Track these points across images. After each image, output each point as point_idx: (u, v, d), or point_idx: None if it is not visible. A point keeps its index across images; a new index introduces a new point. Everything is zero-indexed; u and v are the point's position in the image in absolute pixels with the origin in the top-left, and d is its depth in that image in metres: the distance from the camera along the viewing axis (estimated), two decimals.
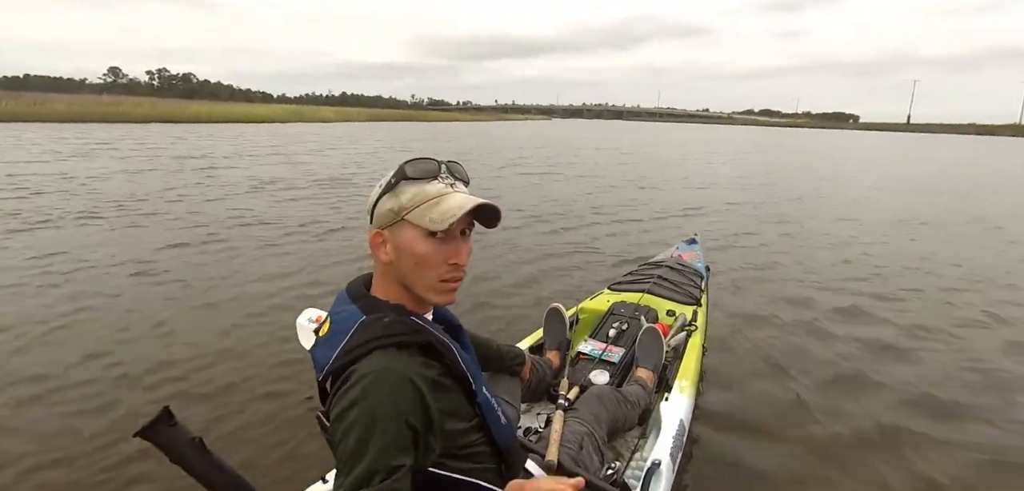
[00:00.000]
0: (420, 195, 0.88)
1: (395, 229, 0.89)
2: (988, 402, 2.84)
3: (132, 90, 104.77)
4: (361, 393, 0.78)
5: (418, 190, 0.89)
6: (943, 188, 12.76)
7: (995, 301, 4.44)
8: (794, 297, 4.40)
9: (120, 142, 16.77)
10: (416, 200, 0.88)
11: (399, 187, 0.89)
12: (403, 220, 0.88)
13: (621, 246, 6.04)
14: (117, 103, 32.03)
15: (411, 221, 0.88)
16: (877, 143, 42.88)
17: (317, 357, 0.89)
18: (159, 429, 0.89)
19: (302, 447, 2.33)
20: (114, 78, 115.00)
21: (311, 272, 4.71)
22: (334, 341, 0.87)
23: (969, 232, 7.47)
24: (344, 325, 0.88)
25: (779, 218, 8.00)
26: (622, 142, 30.60)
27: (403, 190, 0.89)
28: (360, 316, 0.88)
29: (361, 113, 57.41)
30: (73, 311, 3.64)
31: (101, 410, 2.55)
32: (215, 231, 6.01)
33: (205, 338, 3.33)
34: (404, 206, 0.88)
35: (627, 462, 1.75)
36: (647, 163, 17.26)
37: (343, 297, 0.95)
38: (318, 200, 8.22)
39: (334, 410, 0.81)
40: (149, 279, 4.37)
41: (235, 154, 14.85)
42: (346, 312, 0.91)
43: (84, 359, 3.01)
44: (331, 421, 0.81)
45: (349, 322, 0.88)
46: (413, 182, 0.89)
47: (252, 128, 28.37)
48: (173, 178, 9.85)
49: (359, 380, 0.80)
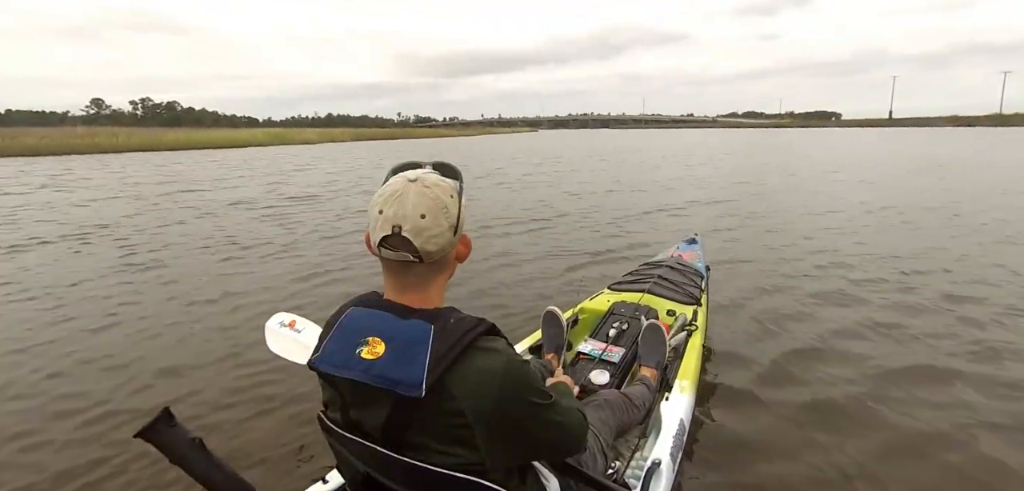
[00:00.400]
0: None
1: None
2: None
3: (116, 121, 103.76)
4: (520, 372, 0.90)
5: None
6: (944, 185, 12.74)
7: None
8: (795, 296, 4.36)
9: (75, 173, 16.59)
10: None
11: (462, 190, 0.97)
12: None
13: (619, 244, 6.29)
14: (91, 134, 31.27)
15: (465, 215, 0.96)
16: (867, 140, 43.30)
17: (392, 376, 0.86)
18: (159, 430, 0.90)
19: (302, 447, 2.33)
20: (97, 109, 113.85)
21: (310, 278, 4.99)
22: (408, 354, 0.86)
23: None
24: (415, 335, 0.88)
25: (778, 217, 8.02)
26: (607, 148, 30.79)
27: (462, 191, 0.96)
28: (429, 325, 0.88)
29: (345, 133, 57.04)
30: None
31: (101, 416, 2.61)
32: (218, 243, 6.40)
33: (202, 342, 3.46)
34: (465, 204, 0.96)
35: (627, 462, 1.75)
36: (630, 168, 17.37)
37: (379, 315, 0.93)
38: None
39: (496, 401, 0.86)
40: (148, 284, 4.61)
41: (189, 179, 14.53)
42: (405, 325, 0.90)
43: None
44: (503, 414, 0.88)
45: (422, 332, 0.88)
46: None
47: (235, 153, 28.13)
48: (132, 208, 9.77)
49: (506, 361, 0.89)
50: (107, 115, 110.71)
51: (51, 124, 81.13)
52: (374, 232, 0.90)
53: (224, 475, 0.94)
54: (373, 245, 0.91)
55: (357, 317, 0.93)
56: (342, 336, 0.92)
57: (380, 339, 0.88)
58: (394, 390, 0.84)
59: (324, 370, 0.92)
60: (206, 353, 3.33)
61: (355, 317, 0.93)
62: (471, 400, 0.85)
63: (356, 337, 0.90)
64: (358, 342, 0.89)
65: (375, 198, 0.91)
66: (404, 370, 0.84)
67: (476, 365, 0.86)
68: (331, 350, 0.91)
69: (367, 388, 0.87)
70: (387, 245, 0.89)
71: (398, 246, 0.88)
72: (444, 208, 0.90)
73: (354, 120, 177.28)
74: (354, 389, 0.90)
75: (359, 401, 0.91)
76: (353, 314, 0.94)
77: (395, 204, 0.88)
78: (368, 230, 0.92)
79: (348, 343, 0.90)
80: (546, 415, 0.94)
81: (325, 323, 0.97)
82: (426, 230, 0.88)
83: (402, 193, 0.89)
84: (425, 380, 0.83)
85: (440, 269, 0.95)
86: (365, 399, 0.90)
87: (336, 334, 0.93)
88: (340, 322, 0.94)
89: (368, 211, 0.91)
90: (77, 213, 9.05)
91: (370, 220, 0.91)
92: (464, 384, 0.85)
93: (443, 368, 0.84)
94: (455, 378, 0.85)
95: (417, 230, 0.88)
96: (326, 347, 0.92)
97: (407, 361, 0.85)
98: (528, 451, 1.00)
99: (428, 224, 0.88)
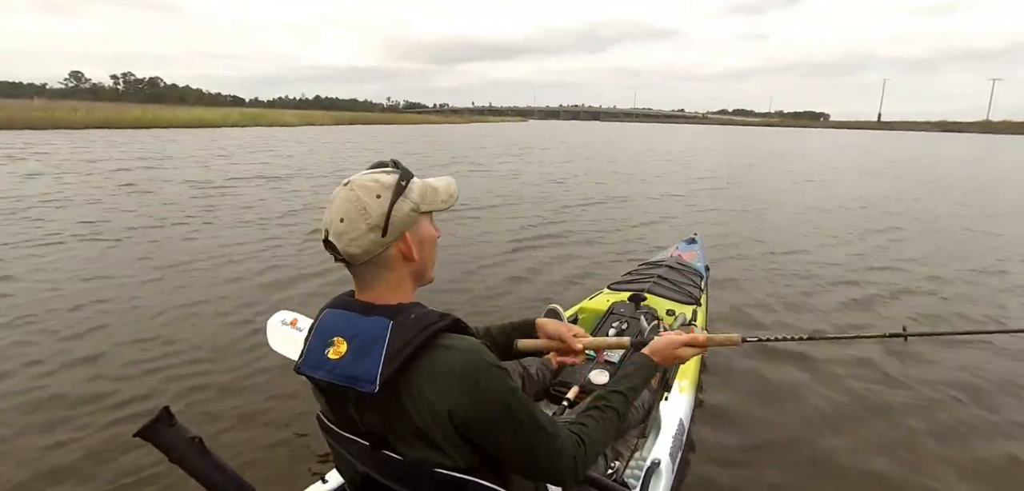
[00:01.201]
0: (423, 186, 0.96)
1: (416, 226, 0.94)
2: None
3: (97, 95, 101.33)
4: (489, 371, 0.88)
5: (420, 183, 0.96)
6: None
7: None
8: (795, 296, 4.47)
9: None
10: (424, 192, 0.95)
11: (409, 187, 0.93)
12: (420, 214, 0.94)
13: (617, 239, 6.52)
14: (50, 109, 29.74)
15: (424, 211, 0.95)
16: (855, 141, 44.38)
17: (351, 372, 0.86)
18: (158, 429, 0.90)
19: (302, 447, 2.33)
20: (76, 83, 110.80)
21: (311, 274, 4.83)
22: (366, 351, 0.86)
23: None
24: (374, 332, 0.87)
25: (775, 215, 8.36)
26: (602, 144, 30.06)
27: (412, 189, 0.93)
28: (388, 321, 0.88)
29: (326, 117, 55.34)
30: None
31: (101, 416, 2.57)
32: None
33: (202, 341, 3.37)
34: (417, 202, 0.93)
35: (626, 462, 1.73)
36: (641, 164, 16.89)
37: (345, 315, 0.93)
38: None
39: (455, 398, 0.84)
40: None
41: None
42: (366, 323, 0.89)
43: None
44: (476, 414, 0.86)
45: (380, 328, 0.87)
46: (413, 178, 0.95)
47: (193, 134, 26.89)
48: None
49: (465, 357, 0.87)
50: (87, 89, 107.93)
51: (27, 96, 78.81)
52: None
53: (224, 475, 0.95)
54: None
55: (329, 318, 0.94)
56: (318, 338, 0.93)
57: (343, 338, 0.89)
58: (353, 386, 0.85)
59: (304, 372, 0.92)
60: (206, 352, 3.26)
61: (328, 318, 0.94)
62: (427, 401, 0.84)
63: (326, 337, 0.91)
64: (327, 342, 0.90)
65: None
66: (360, 366, 0.85)
67: (433, 364, 0.85)
68: (309, 352, 0.93)
69: (335, 387, 0.88)
70: (327, 249, 0.92)
71: (331, 251, 0.92)
72: (363, 210, 0.89)
73: (343, 103, 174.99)
74: (329, 389, 0.91)
75: (337, 402, 0.92)
76: (327, 316, 0.95)
77: (328, 209, 0.91)
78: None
79: (321, 344, 0.91)
80: (512, 425, 0.89)
81: (309, 325, 0.98)
82: (345, 233, 0.89)
83: (333, 198, 0.91)
84: (379, 375, 0.83)
85: (385, 268, 0.93)
86: (336, 399, 0.92)
87: (314, 336, 0.94)
88: (317, 324, 0.95)
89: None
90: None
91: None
92: (423, 383, 0.85)
93: (399, 363, 0.83)
94: (415, 376, 0.85)
95: (337, 234, 0.89)
96: (307, 350, 0.94)
97: (364, 357, 0.85)
98: (497, 460, 0.93)
99: (346, 227, 0.89)
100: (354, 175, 0.92)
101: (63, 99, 69.55)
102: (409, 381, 0.84)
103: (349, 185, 0.90)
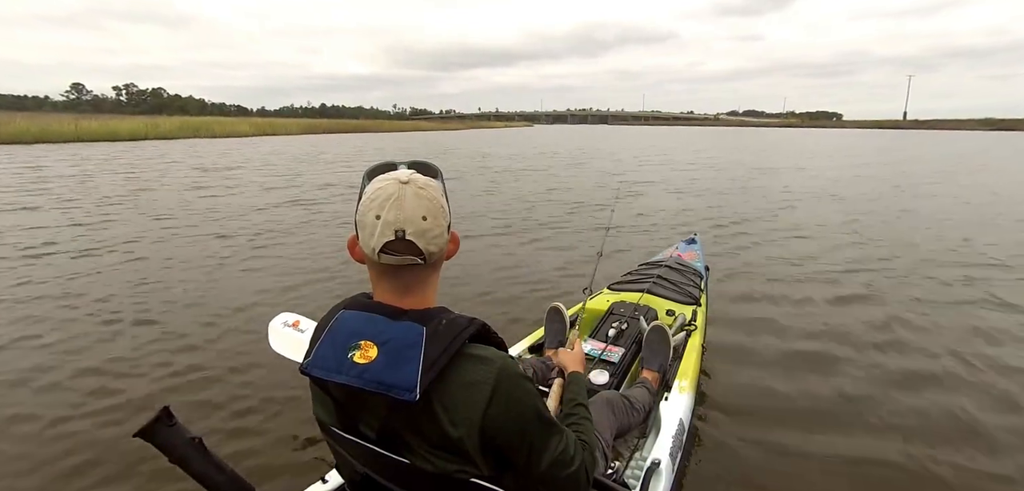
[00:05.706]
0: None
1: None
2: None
3: (98, 107, 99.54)
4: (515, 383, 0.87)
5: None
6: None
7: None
8: (794, 295, 4.34)
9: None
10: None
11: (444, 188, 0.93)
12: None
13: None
14: (34, 121, 26.96)
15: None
16: (910, 140, 41.52)
17: (386, 379, 0.83)
18: (158, 429, 0.88)
19: (302, 447, 2.31)
20: (77, 95, 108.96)
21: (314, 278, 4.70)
22: (401, 357, 0.83)
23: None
24: (408, 338, 0.85)
25: (775, 216, 8.04)
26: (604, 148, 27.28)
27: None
28: (421, 327, 0.85)
29: (322, 125, 52.20)
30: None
31: (100, 415, 2.53)
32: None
33: (201, 341, 3.35)
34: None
35: (627, 462, 1.75)
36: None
37: (368, 317, 0.89)
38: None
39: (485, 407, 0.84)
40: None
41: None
42: (397, 328, 0.86)
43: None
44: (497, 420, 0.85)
45: (414, 334, 0.85)
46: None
47: (180, 145, 24.23)
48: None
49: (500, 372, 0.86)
50: (88, 101, 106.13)
51: (29, 110, 76.98)
52: (371, 239, 0.85)
53: (224, 475, 0.93)
54: (368, 251, 0.86)
55: (348, 320, 0.90)
56: (333, 340, 0.88)
57: (372, 343, 0.85)
58: (389, 394, 0.82)
59: (317, 375, 0.88)
60: (207, 353, 3.22)
61: (346, 320, 0.90)
62: (461, 411, 0.83)
63: (348, 340, 0.87)
64: (350, 346, 0.86)
65: (365, 204, 0.86)
66: (398, 374, 0.82)
67: (465, 374, 0.84)
68: (322, 354, 0.88)
69: (361, 393, 0.85)
70: (390, 250, 0.85)
71: (403, 251, 0.85)
72: (441, 208, 0.88)
73: (348, 111, 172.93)
74: (348, 393, 0.88)
75: (353, 406, 0.89)
76: (343, 317, 0.90)
77: (394, 209, 0.84)
78: (356, 237, 0.89)
79: (340, 347, 0.87)
80: (540, 442, 0.90)
81: (315, 327, 0.94)
82: (429, 231, 0.86)
83: (398, 196, 0.85)
84: (419, 383, 0.81)
85: (437, 268, 0.93)
86: (359, 403, 0.88)
87: (327, 338, 0.89)
88: (331, 326, 0.91)
89: (358, 218, 0.87)
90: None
91: (363, 227, 0.86)
92: (456, 393, 0.84)
93: (436, 372, 0.82)
94: (448, 385, 0.83)
95: (420, 232, 0.85)
96: (317, 351, 0.89)
97: (401, 364, 0.82)
98: (521, 472, 0.90)
99: (430, 225, 0.86)
100: (400, 173, 0.87)
101: (64, 112, 67.66)
102: (441, 390, 0.82)
103: (412, 184, 0.85)
